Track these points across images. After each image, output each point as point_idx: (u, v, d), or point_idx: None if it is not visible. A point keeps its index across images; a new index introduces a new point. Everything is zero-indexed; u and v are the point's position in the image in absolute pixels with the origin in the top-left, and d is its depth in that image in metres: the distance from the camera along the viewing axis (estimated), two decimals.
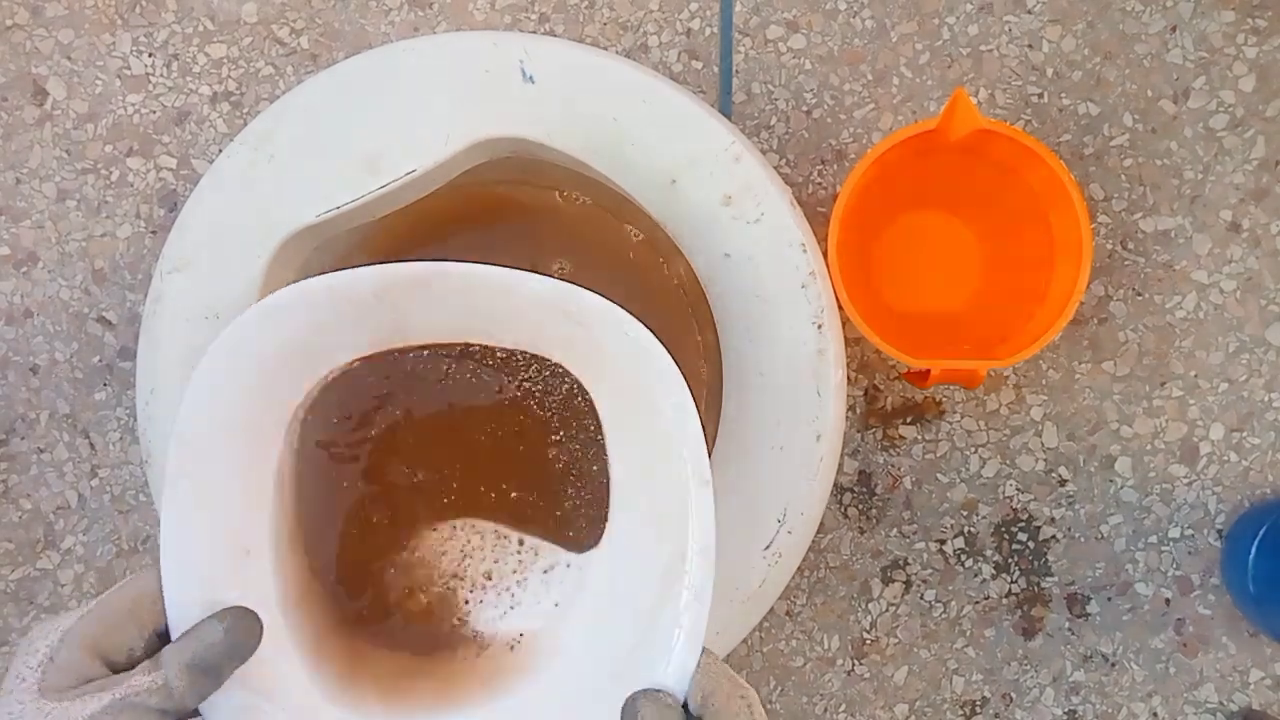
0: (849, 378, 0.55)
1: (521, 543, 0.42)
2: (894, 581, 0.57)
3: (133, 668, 0.33)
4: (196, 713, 0.35)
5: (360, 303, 0.39)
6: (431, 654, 0.42)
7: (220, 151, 0.51)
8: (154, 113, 0.58)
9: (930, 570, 0.57)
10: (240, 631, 0.35)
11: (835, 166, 0.57)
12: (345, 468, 0.42)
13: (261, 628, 0.36)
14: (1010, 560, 0.57)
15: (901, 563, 0.57)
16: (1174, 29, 0.56)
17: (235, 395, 0.38)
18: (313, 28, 0.57)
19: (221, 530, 0.38)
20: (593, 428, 0.41)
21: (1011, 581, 0.57)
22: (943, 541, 0.57)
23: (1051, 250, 0.52)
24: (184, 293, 0.48)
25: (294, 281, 0.39)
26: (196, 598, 0.36)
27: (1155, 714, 0.56)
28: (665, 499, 0.37)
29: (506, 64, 0.47)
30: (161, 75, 0.58)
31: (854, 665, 0.57)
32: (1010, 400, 0.56)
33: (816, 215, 0.56)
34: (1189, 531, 0.56)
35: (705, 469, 0.36)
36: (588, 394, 0.41)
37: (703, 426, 0.38)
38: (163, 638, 0.35)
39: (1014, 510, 0.57)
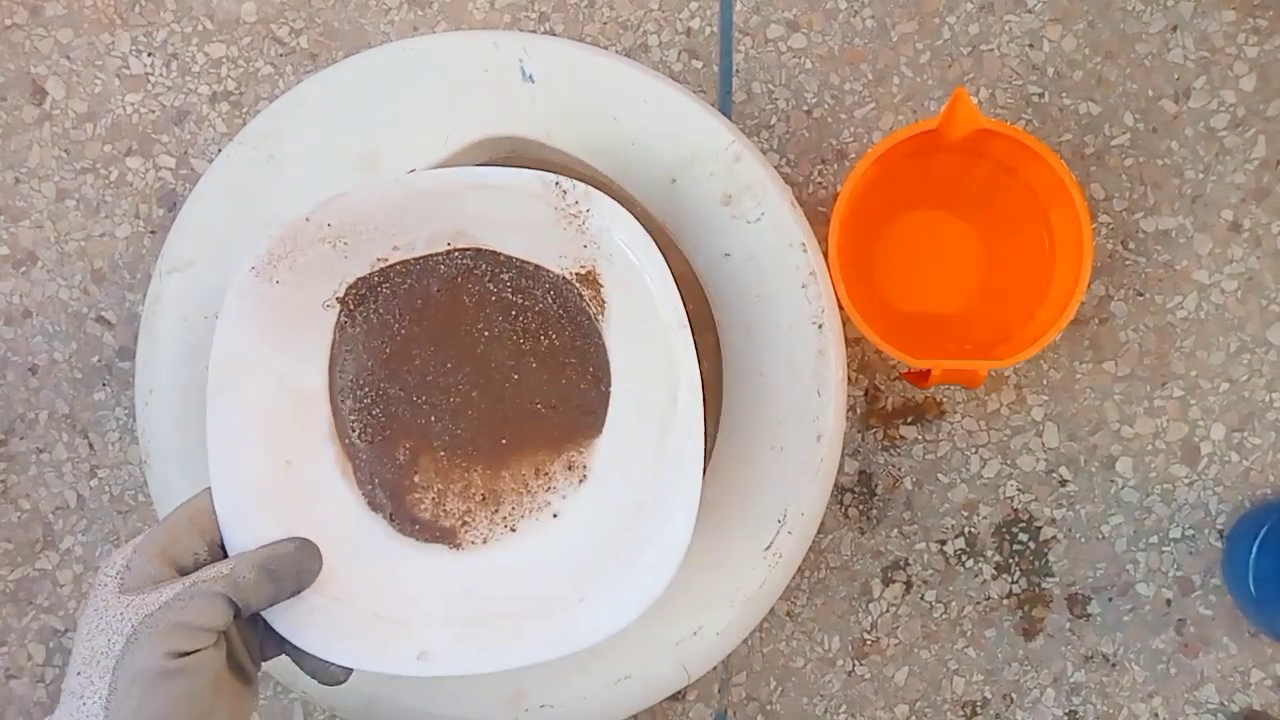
0: (849, 378, 0.55)
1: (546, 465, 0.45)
2: (894, 582, 0.57)
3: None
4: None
5: (375, 218, 0.41)
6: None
7: (219, 151, 0.51)
8: (153, 112, 0.58)
9: (931, 571, 0.57)
10: (307, 553, 0.38)
11: (835, 166, 0.57)
12: (378, 371, 0.44)
13: (321, 561, 0.39)
14: (1011, 561, 0.57)
15: (902, 563, 0.57)
16: (1175, 28, 0.56)
17: (260, 318, 0.41)
18: (312, 27, 0.57)
19: (263, 444, 0.41)
20: (587, 316, 0.44)
21: (1012, 582, 0.57)
22: (943, 542, 0.57)
23: (1052, 250, 0.51)
24: (183, 293, 0.48)
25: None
26: (244, 504, 0.39)
27: (1156, 714, 0.56)
28: (653, 356, 0.41)
29: (506, 63, 0.47)
30: (160, 75, 0.58)
31: (854, 666, 0.57)
32: (1011, 400, 0.56)
33: (816, 215, 0.56)
34: (1190, 532, 0.56)
35: (681, 314, 0.40)
36: (578, 288, 0.43)
37: (703, 426, 0.40)
38: (223, 549, 0.38)
39: (1015, 510, 0.57)
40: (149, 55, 0.58)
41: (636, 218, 0.41)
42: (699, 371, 0.40)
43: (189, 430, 0.47)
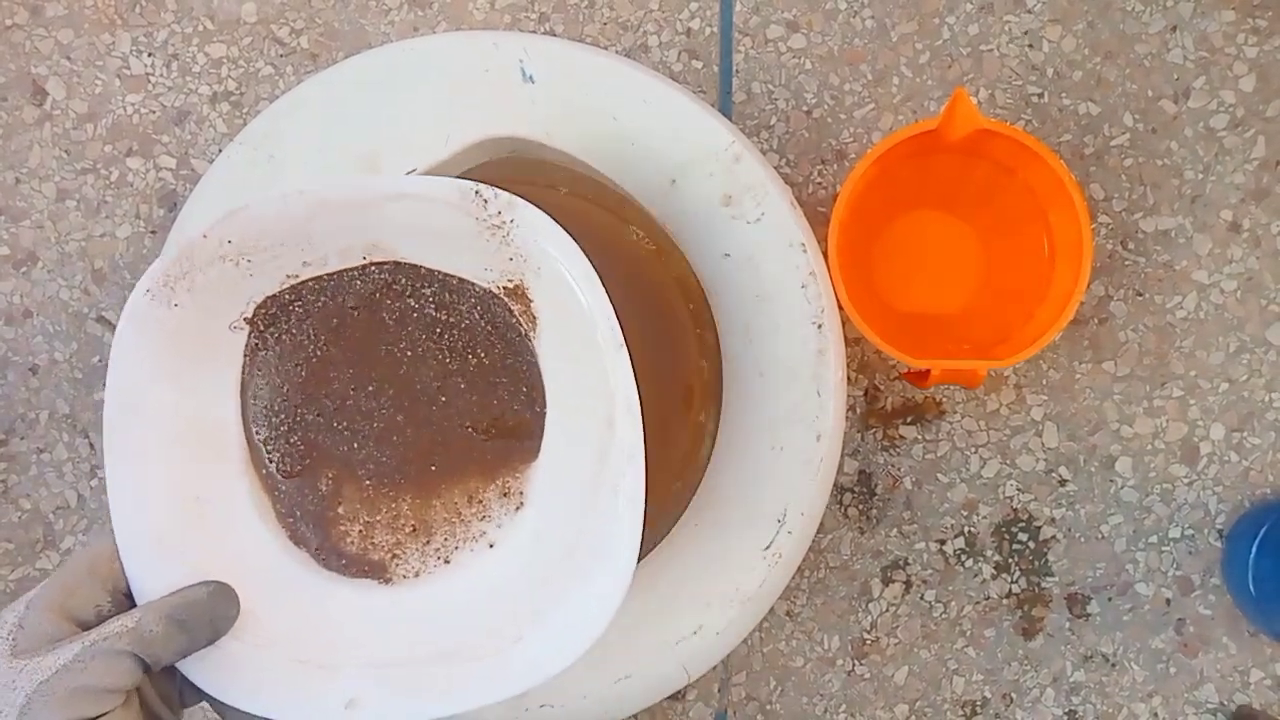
0: (849, 378, 0.55)
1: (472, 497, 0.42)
2: (894, 582, 0.57)
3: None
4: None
5: (280, 232, 0.38)
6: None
7: (220, 151, 0.51)
8: (153, 113, 0.58)
9: (930, 570, 0.57)
10: (222, 597, 0.35)
11: (835, 166, 0.57)
12: (287, 401, 0.42)
13: (238, 605, 0.36)
14: (1010, 560, 0.57)
15: (901, 563, 0.57)
16: (1174, 29, 0.56)
17: (158, 344, 0.38)
18: (312, 28, 0.57)
19: (168, 480, 0.38)
20: (518, 333, 0.41)
21: (1012, 582, 0.57)
22: (943, 541, 0.57)
23: (1052, 250, 0.52)
24: None
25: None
26: (150, 548, 0.36)
27: (1156, 714, 0.56)
28: (589, 377, 0.38)
29: (506, 64, 0.47)
30: (161, 75, 0.58)
31: (854, 665, 0.57)
32: (1010, 400, 0.56)
33: (816, 215, 0.56)
34: (1189, 531, 0.56)
35: (617, 333, 0.37)
36: (506, 303, 0.40)
37: (703, 426, 0.38)
38: (129, 597, 0.35)
39: (1014, 510, 0.57)
40: (149, 55, 0.58)
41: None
42: (638, 395, 0.37)
43: None
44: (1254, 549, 0.53)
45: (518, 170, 0.50)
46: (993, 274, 0.55)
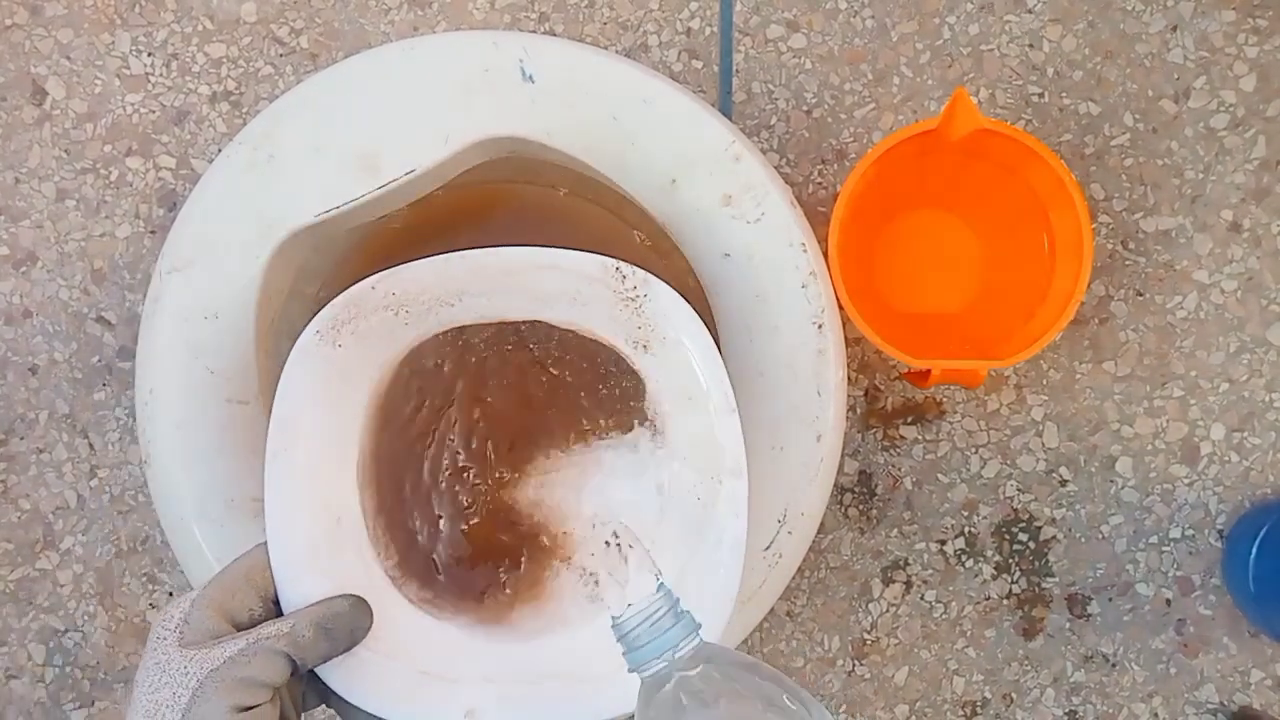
0: (849, 378, 0.55)
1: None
2: (894, 582, 0.57)
3: (254, 627, 0.36)
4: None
5: (426, 292, 0.42)
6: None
7: (219, 151, 0.51)
8: (153, 112, 0.58)
9: (931, 571, 0.57)
10: (360, 610, 0.39)
11: (835, 166, 0.57)
12: (418, 439, 0.44)
13: (372, 617, 0.39)
14: (1011, 561, 0.57)
15: (902, 563, 0.57)
16: (1175, 28, 0.56)
17: (320, 379, 0.41)
18: (312, 27, 0.57)
19: (317, 501, 0.41)
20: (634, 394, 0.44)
21: (1012, 582, 0.57)
22: (943, 542, 0.57)
23: (1052, 250, 0.51)
24: (183, 293, 0.48)
25: (293, 280, 0.39)
26: (298, 561, 0.39)
27: (1156, 714, 0.56)
28: (696, 429, 0.42)
29: (506, 64, 0.47)
30: (161, 75, 0.58)
31: (854, 666, 0.57)
32: (1011, 400, 0.56)
33: (816, 215, 0.56)
34: (1190, 532, 0.56)
35: (731, 399, 0.41)
36: (627, 361, 0.44)
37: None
38: (276, 604, 0.38)
39: (1014, 510, 0.57)
40: (149, 55, 0.58)
41: (682, 294, 0.41)
42: (745, 460, 0.41)
43: (189, 430, 0.47)
44: (1254, 549, 0.53)
45: (518, 170, 0.50)
46: (993, 274, 0.55)
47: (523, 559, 0.44)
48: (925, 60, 0.56)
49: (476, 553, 0.44)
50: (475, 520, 0.44)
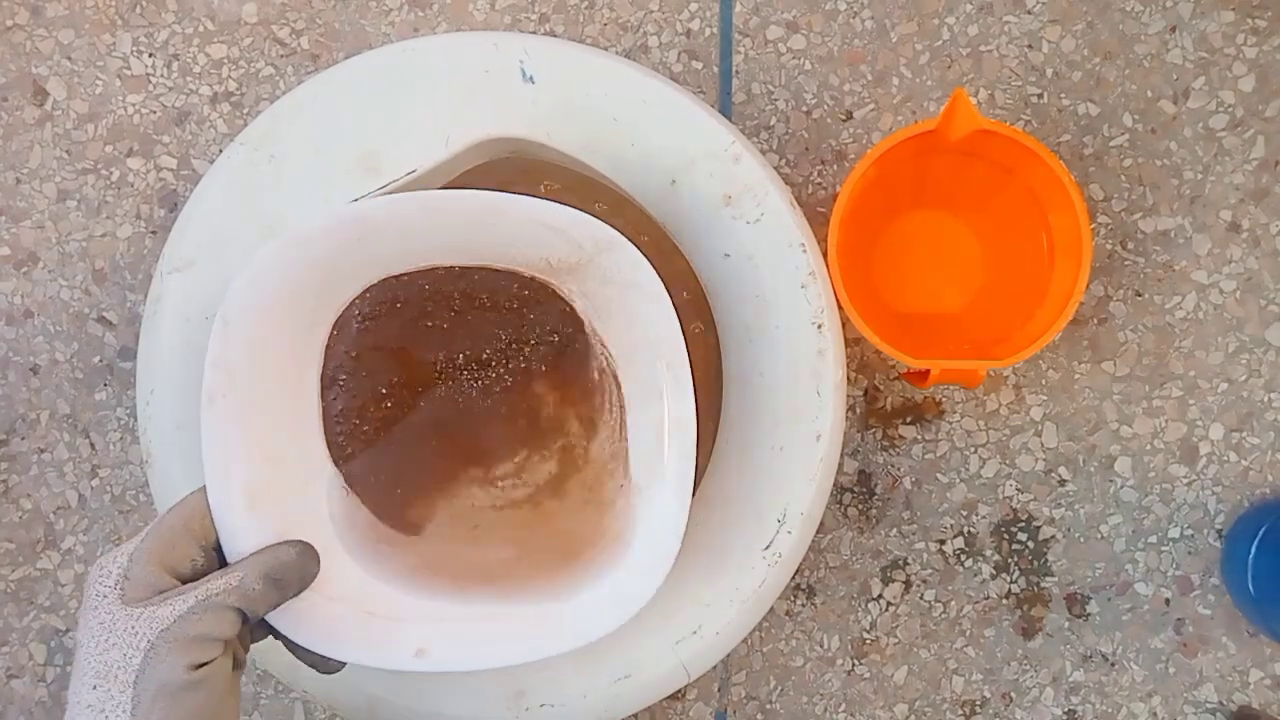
0: (849, 378, 0.55)
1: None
2: (894, 581, 0.57)
3: (197, 579, 0.36)
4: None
5: (376, 228, 0.41)
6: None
7: (220, 152, 0.52)
8: (154, 113, 0.58)
9: (930, 570, 0.57)
10: (308, 557, 0.38)
11: (835, 166, 0.57)
12: (375, 378, 0.44)
13: (319, 563, 0.39)
14: (1010, 560, 0.57)
15: (901, 563, 0.57)
16: (1174, 29, 0.56)
17: (268, 317, 0.40)
18: (313, 28, 0.58)
19: (258, 445, 0.40)
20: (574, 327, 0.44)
21: (1011, 581, 0.57)
22: (942, 541, 0.57)
23: (1051, 250, 0.52)
24: (184, 293, 0.48)
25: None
26: (239, 507, 0.38)
27: (1155, 714, 0.56)
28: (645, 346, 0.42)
29: (506, 64, 0.47)
30: (162, 75, 0.58)
31: (854, 665, 0.57)
32: (1010, 400, 0.56)
33: (816, 215, 0.56)
34: (1189, 531, 0.56)
35: (657, 281, 0.40)
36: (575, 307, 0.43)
37: (703, 426, 0.40)
38: (218, 552, 0.38)
39: (1014, 510, 0.57)
40: (150, 56, 0.58)
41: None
42: (684, 345, 0.40)
43: (190, 430, 0.47)
44: (1253, 549, 0.53)
45: (518, 170, 0.50)
46: (992, 274, 0.55)
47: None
48: (924, 61, 0.56)
49: (421, 486, 0.44)
50: (418, 448, 0.44)
